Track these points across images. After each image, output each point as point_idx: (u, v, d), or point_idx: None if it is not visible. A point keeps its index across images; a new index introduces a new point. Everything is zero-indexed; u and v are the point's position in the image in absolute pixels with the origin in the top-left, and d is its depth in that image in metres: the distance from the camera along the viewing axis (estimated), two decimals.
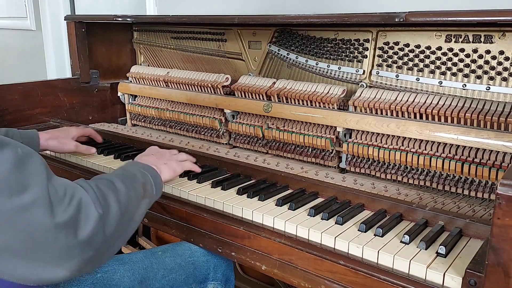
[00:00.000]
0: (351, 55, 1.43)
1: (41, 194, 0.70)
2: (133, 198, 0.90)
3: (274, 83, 1.52)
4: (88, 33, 1.94)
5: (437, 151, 1.21)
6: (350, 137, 1.36)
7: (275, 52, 1.60)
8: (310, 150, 1.44)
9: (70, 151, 1.44)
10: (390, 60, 1.36)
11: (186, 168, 1.21)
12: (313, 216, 1.03)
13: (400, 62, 1.34)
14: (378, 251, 0.88)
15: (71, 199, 0.75)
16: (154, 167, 1.06)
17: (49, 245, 0.71)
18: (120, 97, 2.02)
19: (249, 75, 1.64)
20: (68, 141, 1.43)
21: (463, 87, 1.24)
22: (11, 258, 0.69)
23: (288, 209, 1.07)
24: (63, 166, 1.47)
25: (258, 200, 1.12)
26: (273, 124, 1.51)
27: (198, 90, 1.73)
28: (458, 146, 1.18)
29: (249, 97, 1.57)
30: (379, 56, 1.38)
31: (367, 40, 1.40)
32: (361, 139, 1.33)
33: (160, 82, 1.85)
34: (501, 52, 1.17)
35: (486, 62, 1.20)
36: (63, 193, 0.74)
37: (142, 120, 1.96)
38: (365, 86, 1.39)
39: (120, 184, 0.89)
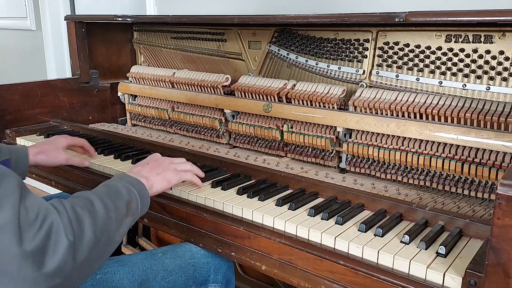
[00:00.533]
0: (351, 55, 1.43)
1: (10, 218, 0.68)
2: (112, 219, 0.86)
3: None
4: (88, 33, 1.94)
5: (437, 151, 1.21)
6: (350, 137, 1.36)
7: (275, 52, 1.60)
8: (310, 150, 1.44)
9: (61, 163, 1.37)
10: (390, 60, 1.36)
11: (184, 178, 1.15)
12: (313, 216, 1.03)
13: (400, 62, 1.34)
14: (378, 251, 0.88)
15: (42, 224, 0.72)
16: (144, 180, 1.02)
17: (13, 274, 0.69)
18: (120, 97, 2.02)
19: (249, 75, 1.64)
20: (58, 154, 1.36)
21: (463, 87, 1.24)
22: None
23: (288, 209, 1.07)
24: (63, 166, 1.47)
25: (258, 200, 1.12)
26: (273, 124, 1.51)
27: (198, 90, 1.73)
28: (458, 146, 1.18)
29: (249, 97, 1.57)
30: (379, 56, 1.38)
31: (367, 40, 1.40)
32: (361, 139, 1.33)
33: (160, 82, 1.85)
34: (501, 52, 1.17)
35: (486, 62, 1.20)
36: (34, 216, 0.72)
37: (142, 120, 1.96)
38: (365, 86, 1.39)
39: (99, 205, 0.85)
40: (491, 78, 1.19)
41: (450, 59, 1.25)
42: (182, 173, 1.15)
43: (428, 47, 1.28)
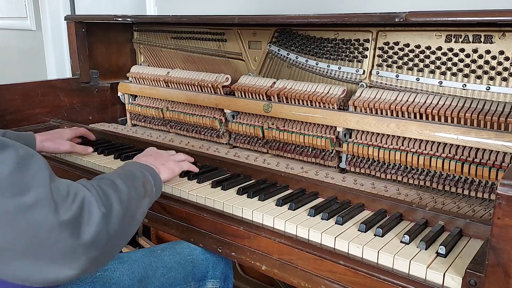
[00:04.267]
0: (351, 55, 1.43)
1: (45, 194, 0.70)
2: (134, 198, 0.90)
3: (274, 83, 1.52)
4: (88, 33, 1.94)
5: (437, 151, 1.21)
6: (350, 137, 1.36)
7: (275, 52, 1.60)
8: (310, 150, 1.44)
9: (66, 151, 1.45)
10: (390, 60, 1.36)
11: (184, 168, 1.21)
12: (313, 216, 1.03)
13: (400, 62, 1.34)
14: (378, 251, 0.88)
15: (74, 198, 0.75)
16: (153, 167, 1.06)
17: (53, 245, 0.70)
18: (120, 97, 2.02)
19: (249, 75, 1.64)
20: (63, 141, 1.44)
21: (463, 87, 1.24)
22: (14, 259, 0.68)
23: (288, 209, 1.07)
24: (63, 166, 1.47)
25: (258, 200, 1.12)
26: (273, 124, 1.51)
27: (198, 90, 1.73)
28: (458, 146, 1.18)
29: (249, 97, 1.57)
30: (379, 56, 1.38)
31: (367, 40, 1.40)
32: (361, 139, 1.33)
33: (160, 82, 1.85)
34: (501, 52, 1.17)
35: (486, 62, 1.20)
36: (66, 192, 0.74)
37: (142, 120, 1.96)
38: (365, 86, 1.39)
39: (122, 184, 0.89)
40: (491, 78, 1.19)
41: (450, 59, 1.25)
42: (181, 163, 1.21)
43: (428, 47, 1.28)
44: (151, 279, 1.09)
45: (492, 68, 1.19)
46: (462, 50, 1.23)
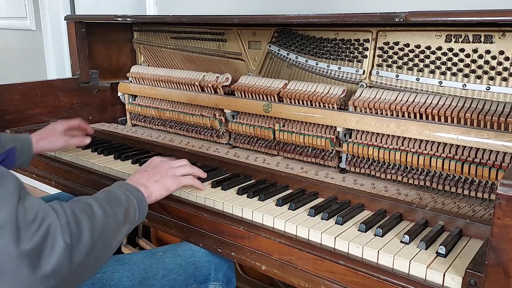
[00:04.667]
0: (351, 55, 1.43)
1: (9, 218, 0.68)
2: (110, 225, 0.87)
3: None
4: (88, 33, 1.94)
5: (437, 151, 1.20)
6: (350, 137, 1.36)
7: (275, 52, 1.60)
8: (310, 150, 1.44)
9: (61, 147, 1.42)
10: (390, 60, 1.36)
11: (183, 184, 1.15)
12: (313, 216, 1.03)
13: (400, 62, 1.34)
14: (378, 251, 0.88)
15: (40, 225, 0.72)
16: (143, 189, 1.02)
17: (10, 274, 0.69)
18: (120, 97, 2.02)
19: (249, 75, 1.64)
20: (58, 138, 1.40)
21: (463, 87, 1.24)
22: None
23: (288, 209, 1.07)
24: (63, 166, 1.47)
25: (258, 200, 1.12)
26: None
27: (198, 90, 1.73)
28: (458, 146, 1.18)
29: (249, 97, 1.57)
30: (379, 56, 1.38)
31: (367, 40, 1.40)
32: (361, 139, 1.33)
33: (160, 82, 1.85)
34: (501, 52, 1.17)
35: (486, 62, 1.20)
36: (33, 216, 0.72)
37: (142, 120, 1.96)
38: (365, 86, 1.39)
39: (99, 210, 0.86)
40: (491, 78, 1.19)
41: (450, 59, 1.25)
42: (181, 179, 1.14)
43: (428, 47, 1.28)
44: (152, 281, 1.09)
45: (492, 68, 1.19)
46: (462, 50, 1.23)
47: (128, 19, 1.88)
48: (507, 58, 1.17)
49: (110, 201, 0.91)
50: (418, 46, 1.30)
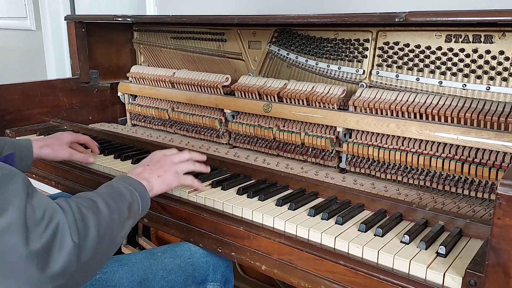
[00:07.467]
0: (351, 55, 1.43)
1: (17, 218, 0.69)
2: (115, 221, 0.87)
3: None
4: (88, 33, 1.94)
5: (437, 151, 1.20)
6: (350, 137, 1.36)
7: (275, 52, 1.60)
8: (310, 150, 1.44)
9: (64, 159, 1.38)
10: (390, 60, 1.36)
11: (184, 183, 1.15)
12: (313, 216, 1.03)
13: (400, 62, 1.34)
14: (378, 251, 0.87)
15: (49, 223, 0.73)
16: (145, 183, 1.02)
17: (19, 273, 0.69)
18: (120, 97, 2.02)
19: (249, 75, 1.64)
20: (62, 148, 1.37)
21: (463, 87, 1.24)
22: None
23: (288, 209, 1.07)
24: (63, 166, 1.47)
25: (258, 200, 1.12)
26: (273, 124, 1.51)
27: (198, 90, 1.73)
28: (458, 146, 1.18)
29: (249, 97, 1.57)
30: (379, 56, 1.38)
31: (367, 40, 1.40)
32: (361, 139, 1.33)
33: (160, 82, 1.85)
34: (501, 52, 1.17)
35: (486, 62, 1.20)
36: (41, 215, 0.73)
37: (142, 120, 1.96)
38: (365, 86, 1.39)
39: (103, 206, 0.86)
40: (491, 78, 1.19)
41: (450, 59, 1.25)
42: (183, 177, 1.14)
43: (428, 47, 1.28)
44: (151, 282, 1.09)
45: (492, 68, 1.19)
46: (462, 50, 1.23)
47: (128, 19, 1.88)
48: (507, 58, 1.17)
49: (114, 197, 0.91)
50: (418, 46, 1.30)
